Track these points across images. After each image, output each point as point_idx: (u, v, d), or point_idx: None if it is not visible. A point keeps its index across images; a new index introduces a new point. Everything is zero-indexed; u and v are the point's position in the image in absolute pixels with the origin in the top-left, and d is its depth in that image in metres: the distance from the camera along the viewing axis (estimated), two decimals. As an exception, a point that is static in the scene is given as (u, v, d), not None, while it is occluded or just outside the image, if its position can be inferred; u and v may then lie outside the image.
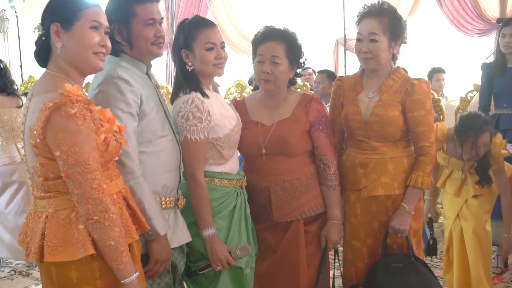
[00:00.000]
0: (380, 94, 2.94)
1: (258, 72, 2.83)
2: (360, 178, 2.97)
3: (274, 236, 2.91)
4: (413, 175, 2.91)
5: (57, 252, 1.95)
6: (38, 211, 2.06)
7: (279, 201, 2.85)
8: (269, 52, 2.79)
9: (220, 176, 2.72)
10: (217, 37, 2.68)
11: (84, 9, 2.06)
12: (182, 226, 2.57)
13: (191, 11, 11.94)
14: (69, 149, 1.90)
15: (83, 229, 1.97)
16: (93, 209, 1.93)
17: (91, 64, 2.09)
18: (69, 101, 1.91)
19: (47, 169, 1.99)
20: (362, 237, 3.01)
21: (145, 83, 2.48)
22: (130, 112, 2.34)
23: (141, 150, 2.40)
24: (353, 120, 2.96)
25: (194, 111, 2.59)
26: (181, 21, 2.77)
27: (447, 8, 9.31)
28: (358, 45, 2.90)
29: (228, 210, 2.72)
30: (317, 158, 2.93)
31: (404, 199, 2.93)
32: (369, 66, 2.92)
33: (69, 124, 1.90)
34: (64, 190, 1.99)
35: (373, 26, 2.84)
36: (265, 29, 2.87)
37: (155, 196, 2.41)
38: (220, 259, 2.63)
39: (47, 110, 1.90)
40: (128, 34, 2.46)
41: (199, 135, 2.60)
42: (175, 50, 2.72)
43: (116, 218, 1.98)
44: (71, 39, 2.04)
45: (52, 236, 1.97)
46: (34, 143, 1.96)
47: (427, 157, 2.91)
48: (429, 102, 2.92)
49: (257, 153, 2.86)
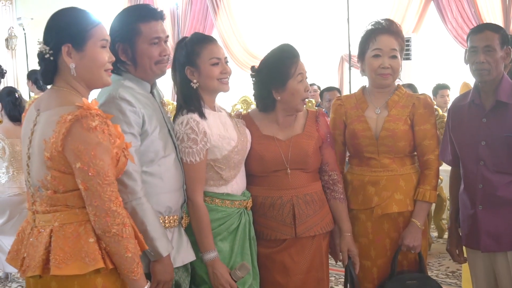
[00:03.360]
0: (388, 109, 2.95)
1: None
2: (372, 196, 2.94)
3: (294, 256, 2.82)
4: (420, 189, 2.92)
5: (64, 265, 1.96)
6: (38, 226, 2.05)
7: (302, 215, 2.80)
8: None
9: (222, 197, 2.68)
10: (220, 52, 2.69)
11: (92, 28, 2.09)
12: (186, 245, 2.55)
13: (197, 28, 11.99)
14: (91, 160, 1.93)
15: (93, 242, 1.98)
16: (112, 222, 1.96)
17: (102, 81, 2.15)
18: (90, 114, 1.95)
19: (58, 182, 2.00)
20: (373, 256, 2.98)
21: (148, 103, 2.47)
22: (132, 132, 2.34)
23: (144, 170, 2.40)
24: (362, 137, 2.95)
25: (189, 132, 2.57)
26: (180, 39, 2.77)
27: (451, 24, 9.35)
28: (376, 60, 2.89)
29: (228, 232, 2.67)
30: (326, 174, 2.93)
31: (413, 214, 2.93)
32: (387, 82, 2.93)
33: (90, 136, 1.94)
34: (73, 204, 2.01)
35: (393, 42, 2.88)
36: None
37: (158, 217, 2.39)
38: (222, 283, 2.58)
39: (67, 123, 1.93)
40: (133, 53, 2.46)
41: (195, 157, 2.58)
42: (177, 68, 2.71)
43: (131, 231, 2.02)
44: (84, 59, 2.08)
45: (59, 250, 1.97)
46: (49, 155, 1.97)
47: (432, 170, 2.93)
48: (434, 116, 2.97)
49: (279, 168, 2.81)
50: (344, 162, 3.17)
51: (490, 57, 2.72)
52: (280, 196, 2.80)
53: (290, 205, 2.80)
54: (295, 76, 2.77)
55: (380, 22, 2.93)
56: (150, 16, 2.49)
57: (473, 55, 2.77)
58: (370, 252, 2.99)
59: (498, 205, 2.77)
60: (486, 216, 2.80)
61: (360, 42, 2.99)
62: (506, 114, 2.74)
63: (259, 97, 2.89)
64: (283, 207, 2.79)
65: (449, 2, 9.37)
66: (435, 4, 9.58)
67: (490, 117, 2.77)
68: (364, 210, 2.98)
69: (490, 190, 2.78)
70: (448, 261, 3.75)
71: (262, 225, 2.82)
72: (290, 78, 2.76)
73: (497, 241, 2.78)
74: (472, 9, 9.18)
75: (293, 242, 2.81)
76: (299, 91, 2.78)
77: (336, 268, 4.01)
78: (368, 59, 2.93)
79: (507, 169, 2.75)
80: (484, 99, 2.81)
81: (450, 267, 4.83)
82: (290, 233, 2.79)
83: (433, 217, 5.71)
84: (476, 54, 2.75)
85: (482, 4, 9.08)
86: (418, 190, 2.92)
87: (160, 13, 2.53)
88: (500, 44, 2.73)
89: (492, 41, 2.72)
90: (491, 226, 2.78)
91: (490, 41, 2.72)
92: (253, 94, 2.92)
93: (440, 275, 4.70)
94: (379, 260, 2.98)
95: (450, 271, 4.77)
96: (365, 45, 2.95)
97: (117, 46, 2.43)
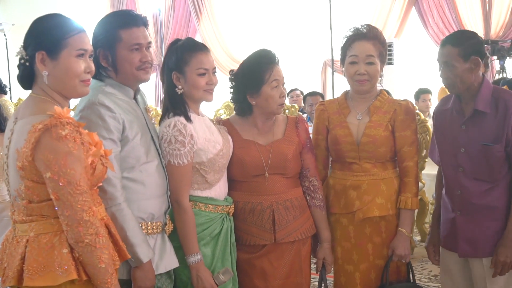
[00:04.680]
0: (370, 115, 2.97)
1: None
2: (353, 200, 2.96)
3: (273, 261, 2.82)
4: (401, 197, 2.94)
5: (37, 276, 1.93)
6: (17, 235, 2.03)
7: (282, 220, 2.79)
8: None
9: (205, 201, 2.68)
10: (209, 63, 2.68)
11: (69, 37, 2.05)
12: (169, 252, 2.53)
13: (180, 33, 11.98)
14: (61, 169, 1.90)
15: (67, 253, 1.95)
16: (84, 232, 1.93)
17: (77, 91, 2.10)
18: (60, 123, 1.91)
19: (32, 192, 1.98)
20: (355, 260, 2.99)
21: (130, 109, 2.47)
22: (112, 138, 2.33)
23: (124, 176, 2.39)
24: (344, 142, 2.96)
25: (176, 135, 2.57)
26: (173, 41, 2.75)
27: (432, 29, 9.45)
28: (353, 67, 2.90)
29: (211, 237, 2.67)
30: (307, 180, 2.94)
31: (400, 223, 2.95)
32: (364, 88, 2.94)
33: (60, 146, 1.90)
34: (48, 213, 1.98)
35: (369, 48, 2.89)
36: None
37: (138, 223, 2.38)
38: (205, 287, 2.58)
39: (36, 132, 1.90)
40: (113, 59, 2.45)
41: (182, 160, 2.58)
42: (165, 70, 2.70)
43: (105, 241, 1.99)
44: (57, 68, 2.04)
45: (32, 260, 1.94)
46: (21, 165, 1.95)
47: (412, 177, 2.95)
48: (415, 122, 2.99)
49: (259, 173, 2.81)
50: (327, 167, 3.18)
51: (450, 73, 2.72)
52: (260, 201, 2.81)
53: (270, 210, 2.80)
54: (269, 82, 2.76)
55: (358, 28, 2.93)
56: (131, 23, 2.47)
57: (439, 69, 2.79)
58: (353, 256, 2.99)
59: (475, 211, 2.78)
60: (464, 222, 2.81)
61: (340, 48, 3.01)
62: (484, 122, 2.74)
63: (235, 101, 2.90)
64: (263, 212, 2.80)
65: (430, 7, 9.48)
66: (416, 10, 9.68)
67: (469, 125, 2.78)
68: (346, 214, 2.99)
69: (467, 196, 2.79)
70: (431, 265, 3.76)
71: (243, 230, 2.82)
72: (264, 84, 2.76)
73: (474, 247, 2.80)
74: (453, 14, 9.29)
75: (273, 247, 2.81)
76: (273, 97, 2.78)
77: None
78: (346, 65, 2.96)
79: (484, 177, 2.77)
80: (464, 106, 2.82)
81: (433, 271, 4.85)
82: (270, 239, 2.79)
83: (415, 221, 5.74)
84: (440, 68, 2.78)
85: (463, 9, 9.19)
86: (400, 198, 2.95)
87: (143, 19, 2.52)
88: (463, 57, 2.69)
89: (450, 56, 2.70)
90: (468, 232, 2.80)
91: (447, 57, 2.71)
92: (230, 98, 2.92)
93: (423, 278, 4.72)
94: (362, 265, 2.98)
95: (433, 275, 4.78)
96: (344, 51, 2.97)
97: (98, 52, 2.42)
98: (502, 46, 7.77)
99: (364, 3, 10.06)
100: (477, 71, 2.73)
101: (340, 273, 3.05)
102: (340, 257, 3.03)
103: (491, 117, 2.72)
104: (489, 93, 2.76)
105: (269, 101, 2.78)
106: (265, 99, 2.78)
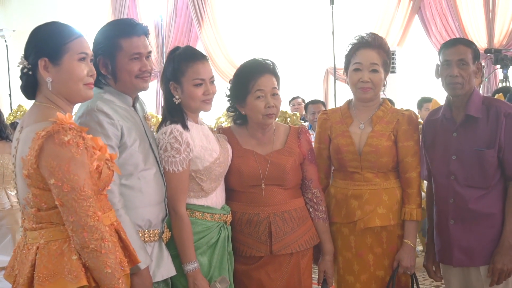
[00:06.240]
0: (372, 125, 2.95)
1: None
2: (355, 210, 2.93)
3: (271, 273, 2.79)
4: (405, 208, 2.91)
5: (47, 283, 1.95)
6: (28, 243, 2.06)
7: (279, 232, 2.77)
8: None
9: (202, 209, 2.67)
10: (206, 72, 2.66)
11: (69, 42, 2.08)
12: (166, 260, 2.53)
13: (181, 40, 12.00)
14: (64, 176, 1.92)
15: (76, 259, 1.97)
16: (89, 237, 1.94)
17: (81, 95, 2.13)
18: (62, 129, 1.93)
19: (40, 199, 2.00)
20: (356, 271, 2.96)
21: (128, 116, 2.47)
22: (110, 144, 2.34)
23: (122, 183, 2.39)
24: (346, 152, 2.94)
25: (172, 142, 2.57)
26: (172, 49, 2.74)
27: (435, 38, 9.43)
28: (356, 74, 2.89)
29: (207, 246, 2.66)
30: (310, 192, 2.91)
31: (405, 235, 2.93)
32: (367, 96, 2.92)
33: (63, 151, 1.93)
34: (57, 221, 2.00)
35: (373, 56, 2.88)
36: None
37: (136, 229, 2.39)
38: None
39: (40, 139, 1.92)
40: (113, 67, 2.46)
41: (177, 167, 2.57)
42: (164, 80, 2.71)
43: (111, 246, 2.00)
44: (61, 73, 2.07)
45: (42, 267, 1.96)
46: (27, 173, 1.97)
47: (414, 188, 2.93)
48: (417, 133, 2.97)
49: (256, 183, 2.79)
50: (329, 176, 3.16)
51: (463, 71, 2.74)
52: (257, 213, 2.79)
53: (267, 222, 2.77)
54: (252, 92, 2.74)
55: (363, 36, 2.94)
56: (132, 32, 2.48)
57: (446, 69, 2.78)
58: (354, 267, 2.97)
59: (470, 219, 2.78)
60: (458, 231, 2.81)
61: (345, 56, 3.00)
62: (476, 128, 2.76)
63: (230, 110, 2.92)
64: (260, 224, 2.78)
65: (433, 15, 9.48)
66: (419, 18, 9.68)
67: (461, 132, 2.79)
68: (347, 224, 2.97)
69: (461, 204, 2.79)
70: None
71: (239, 241, 2.80)
72: (248, 94, 2.75)
73: (470, 256, 2.79)
74: (456, 23, 9.28)
75: (270, 259, 2.79)
76: (257, 107, 2.74)
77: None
78: (350, 73, 2.95)
79: (477, 183, 2.77)
80: (455, 114, 2.83)
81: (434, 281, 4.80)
82: (265, 251, 2.77)
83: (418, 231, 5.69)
84: (449, 67, 2.76)
85: (466, 18, 9.18)
86: (404, 210, 2.92)
87: (143, 29, 2.53)
88: (472, 59, 2.75)
89: (465, 55, 2.74)
90: (463, 240, 2.79)
91: (463, 55, 2.74)
92: (227, 108, 2.94)
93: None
94: (363, 275, 2.95)
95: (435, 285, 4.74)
96: (348, 59, 2.97)
97: (98, 60, 2.43)
98: (505, 55, 7.73)
99: (367, 11, 10.07)
100: (478, 76, 2.76)
101: (341, 283, 3.03)
102: (342, 267, 3.01)
103: (483, 123, 2.75)
104: (480, 101, 2.80)
105: (253, 111, 2.76)
106: (250, 109, 2.77)
